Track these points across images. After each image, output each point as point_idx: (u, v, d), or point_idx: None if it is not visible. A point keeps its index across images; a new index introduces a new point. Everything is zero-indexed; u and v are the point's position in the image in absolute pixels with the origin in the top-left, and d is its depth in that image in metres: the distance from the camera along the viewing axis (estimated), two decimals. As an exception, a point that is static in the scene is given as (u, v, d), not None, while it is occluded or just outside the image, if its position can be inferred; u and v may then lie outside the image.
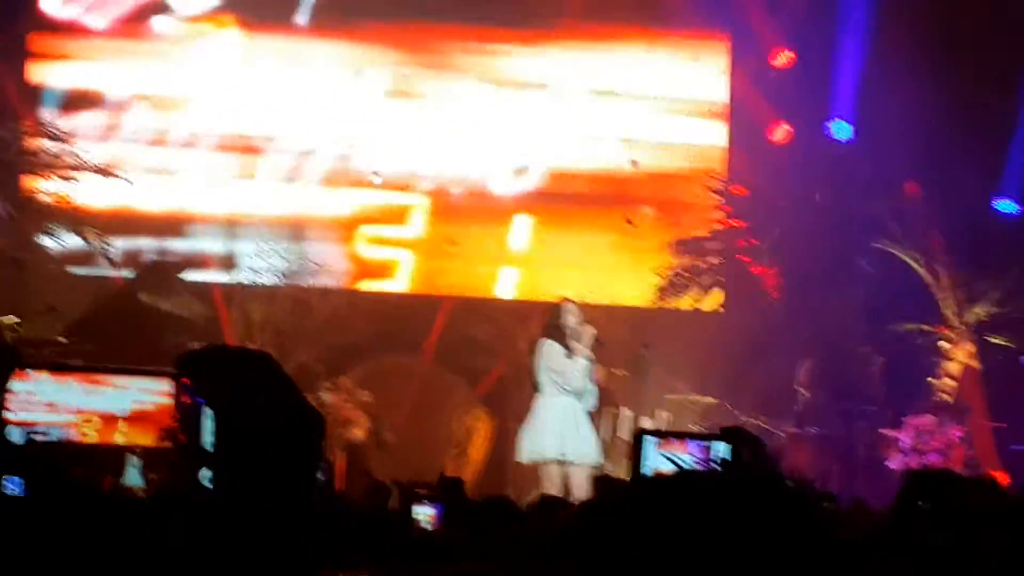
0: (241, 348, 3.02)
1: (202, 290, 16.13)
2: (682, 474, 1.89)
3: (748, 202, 18.92)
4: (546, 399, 12.49)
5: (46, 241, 15.79)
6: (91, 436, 2.87)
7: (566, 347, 12.47)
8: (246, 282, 16.71)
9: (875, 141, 18.24)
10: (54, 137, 15.97)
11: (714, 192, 18.79)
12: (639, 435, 4.42)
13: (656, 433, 8.16)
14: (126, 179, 16.20)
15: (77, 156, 15.91)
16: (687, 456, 5.85)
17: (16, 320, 15.19)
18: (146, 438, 3.01)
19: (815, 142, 18.94)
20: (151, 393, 2.97)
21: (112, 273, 16.37)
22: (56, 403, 2.88)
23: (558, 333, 12.55)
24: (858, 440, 16.48)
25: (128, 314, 15.02)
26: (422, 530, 6.58)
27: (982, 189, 17.88)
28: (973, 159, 17.17)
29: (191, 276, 16.54)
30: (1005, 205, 18.23)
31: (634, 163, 18.84)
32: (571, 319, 12.52)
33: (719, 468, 1.84)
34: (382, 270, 18.25)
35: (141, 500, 3.20)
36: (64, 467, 3.16)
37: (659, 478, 1.88)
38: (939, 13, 17.77)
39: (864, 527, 5.35)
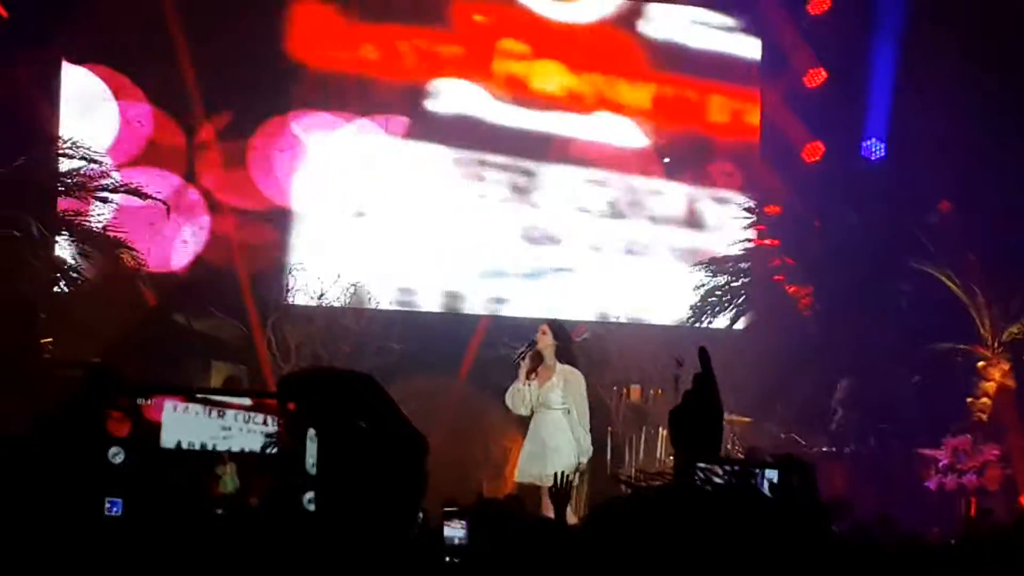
0: (345, 370, 2.99)
1: (236, 311, 16.04)
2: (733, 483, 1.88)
3: (781, 221, 18.89)
4: (531, 421, 12.53)
5: (81, 262, 15.71)
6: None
7: (527, 371, 12.46)
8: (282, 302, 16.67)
9: (908, 159, 18.22)
10: (87, 159, 15.88)
11: (747, 211, 18.78)
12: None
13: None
14: (162, 200, 16.00)
15: (111, 177, 15.86)
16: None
17: (48, 340, 15.16)
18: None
19: (848, 161, 18.93)
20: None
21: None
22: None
23: (523, 357, 12.55)
24: (894, 460, 16.41)
25: (162, 335, 14.96)
26: (454, 547, 6.49)
27: (1016, 206, 17.78)
28: (1007, 176, 17.12)
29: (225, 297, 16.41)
30: (1039, 222, 18.10)
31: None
32: (538, 343, 12.49)
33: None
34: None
35: (254, 509, 3.16)
36: (163, 480, 3.14)
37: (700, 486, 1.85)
38: (973, 30, 17.71)
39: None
